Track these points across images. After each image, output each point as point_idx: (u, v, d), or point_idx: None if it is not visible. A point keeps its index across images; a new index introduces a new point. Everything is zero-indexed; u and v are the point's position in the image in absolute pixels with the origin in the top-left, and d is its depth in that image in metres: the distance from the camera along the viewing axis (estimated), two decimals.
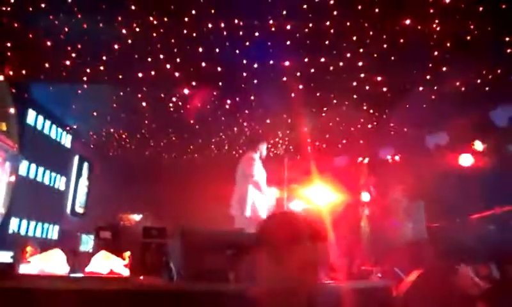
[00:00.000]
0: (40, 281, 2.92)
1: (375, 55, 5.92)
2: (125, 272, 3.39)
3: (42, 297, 2.61)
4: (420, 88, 6.44)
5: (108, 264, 3.35)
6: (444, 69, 5.93)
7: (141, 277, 3.14)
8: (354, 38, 5.73)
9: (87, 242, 7.11)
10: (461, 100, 6.15)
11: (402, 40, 5.60)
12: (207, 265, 3.39)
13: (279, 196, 6.18)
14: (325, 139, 8.63)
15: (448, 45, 5.53)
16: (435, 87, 6.37)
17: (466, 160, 6.45)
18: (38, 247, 3.58)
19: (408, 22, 5.38)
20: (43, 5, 5.33)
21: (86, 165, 9.53)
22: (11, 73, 6.38)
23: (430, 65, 5.93)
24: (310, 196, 6.81)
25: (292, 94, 6.85)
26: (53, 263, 3.33)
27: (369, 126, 7.94)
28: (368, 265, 4.82)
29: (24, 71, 6.44)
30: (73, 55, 6.06)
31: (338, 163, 8.91)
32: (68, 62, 6.19)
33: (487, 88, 6.07)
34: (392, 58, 5.90)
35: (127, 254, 3.53)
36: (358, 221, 7.84)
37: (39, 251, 3.53)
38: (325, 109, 7.47)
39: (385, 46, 5.73)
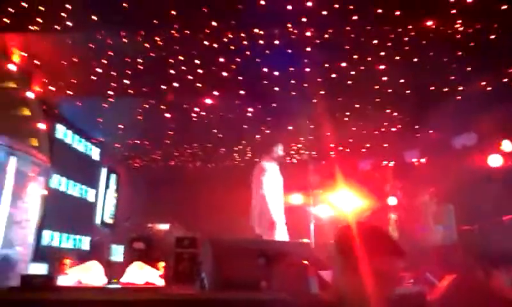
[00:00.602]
0: (79, 293, 3.01)
1: (397, 57, 5.88)
2: (160, 282, 3.45)
3: None
4: (445, 89, 6.36)
5: (143, 274, 3.43)
6: (468, 69, 5.85)
7: (175, 287, 3.19)
8: (375, 42, 5.69)
9: (117, 253, 7.24)
10: (488, 100, 6.04)
11: (424, 42, 5.54)
12: (238, 273, 3.42)
13: (304, 201, 6.18)
14: (349, 143, 8.58)
15: (472, 44, 5.45)
16: (460, 88, 6.28)
17: (495, 160, 6.29)
18: (76, 259, 3.68)
19: (429, 23, 5.34)
20: (69, 23, 5.50)
21: (113, 176, 9.73)
22: (41, 90, 6.60)
23: (454, 65, 5.85)
24: (335, 201, 6.78)
25: (314, 100, 6.86)
26: (91, 275, 3.43)
27: (393, 129, 7.86)
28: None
29: (52, 88, 6.66)
30: (99, 70, 6.23)
31: (363, 167, 8.84)
32: (94, 78, 6.37)
33: None
34: (415, 60, 5.85)
35: (161, 264, 3.60)
36: (385, 226, 7.74)
37: (77, 262, 3.63)
38: (347, 113, 7.44)
39: (407, 48, 5.68)
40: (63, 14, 5.36)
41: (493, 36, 5.26)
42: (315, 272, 3.26)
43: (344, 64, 6.09)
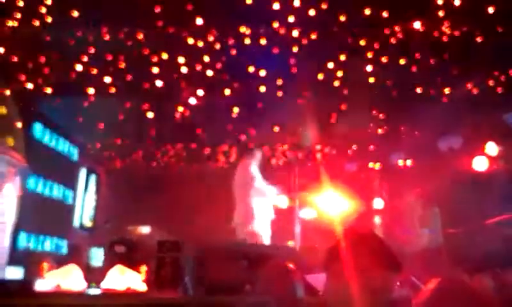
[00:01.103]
0: (58, 299, 2.86)
1: (383, 59, 5.89)
2: (142, 287, 3.32)
3: None
4: (431, 91, 6.38)
5: (124, 279, 3.29)
6: (455, 71, 5.87)
7: (157, 292, 3.08)
8: (362, 43, 5.69)
9: (95, 256, 7.04)
10: (474, 103, 6.09)
11: (411, 44, 5.57)
12: (222, 277, 3.33)
13: (290, 203, 6.10)
14: (335, 145, 8.57)
15: (458, 47, 5.47)
16: (446, 90, 6.31)
17: (480, 163, 6.32)
18: (54, 263, 3.52)
19: (416, 25, 5.35)
20: (49, 20, 5.35)
21: (93, 177, 9.49)
22: (17, 86, 6.38)
23: (440, 68, 5.87)
24: (321, 204, 6.72)
25: (300, 101, 6.82)
26: (70, 279, 3.27)
27: (379, 131, 7.86)
28: None
29: (30, 85, 6.44)
30: (80, 67, 6.06)
31: (349, 169, 8.82)
32: (74, 75, 6.19)
33: (500, 90, 6.00)
34: (401, 62, 5.86)
35: (144, 268, 3.46)
36: (371, 228, 7.70)
37: (55, 266, 3.47)
38: (334, 115, 7.40)
39: (394, 50, 5.70)
40: (42, 9, 5.21)
41: (479, 39, 5.29)
42: (300, 275, 3.18)
43: (330, 65, 6.06)
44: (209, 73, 6.20)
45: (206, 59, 6.02)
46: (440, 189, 6.19)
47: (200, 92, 6.75)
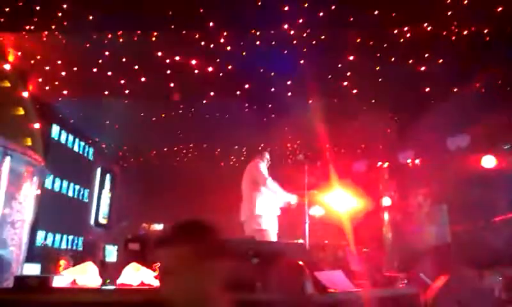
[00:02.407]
0: (75, 295, 3.00)
1: (392, 59, 5.92)
2: (155, 283, 3.45)
3: None
4: (439, 90, 6.40)
5: (138, 276, 3.42)
6: (463, 70, 5.88)
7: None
8: (371, 43, 5.73)
9: (110, 253, 7.21)
10: (482, 101, 6.08)
11: (419, 43, 5.59)
12: (233, 274, 3.40)
13: (299, 201, 6.14)
14: (344, 144, 8.61)
15: (466, 46, 5.48)
16: (455, 89, 6.32)
17: (488, 161, 6.32)
18: (71, 260, 3.66)
19: (425, 25, 5.37)
20: (65, 23, 5.49)
21: (108, 176, 9.71)
22: (36, 89, 6.58)
23: (448, 67, 5.89)
24: (330, 202, 6.77)
25: (310, 101, 6.88)
26: (86, 276, 3.42)
27: (388, 130, 7.89)
28: (393, 271, 4.77)
29: (48, 88, 6.63)
30: (95, 70, 6.21)
31: (358, 168, 8.85)
32: (89, 77, 6.35)
33: (508, 88, 6.00)
34: (410, 61, 5.89)
35: (157, 265, 3.58)
36: (379, 226, 7.74)
37: (72, 264, 3.61)
38: (343, 114, 7.45)
39: (403, 49, 5.73)
40: (59, 13, 5.35)
41: (488, 38, 5.30)
42: (310, 272, 3.26)
43: (339, 66, 6.12)
44: (220, 74, 6.31)
45: (217, 60, 6.13)
46: (448, 187, 6.20)
47: (212, 93, 6.88)
